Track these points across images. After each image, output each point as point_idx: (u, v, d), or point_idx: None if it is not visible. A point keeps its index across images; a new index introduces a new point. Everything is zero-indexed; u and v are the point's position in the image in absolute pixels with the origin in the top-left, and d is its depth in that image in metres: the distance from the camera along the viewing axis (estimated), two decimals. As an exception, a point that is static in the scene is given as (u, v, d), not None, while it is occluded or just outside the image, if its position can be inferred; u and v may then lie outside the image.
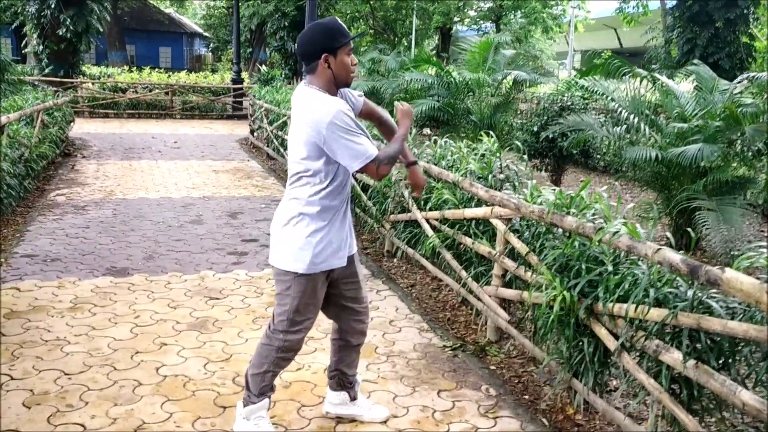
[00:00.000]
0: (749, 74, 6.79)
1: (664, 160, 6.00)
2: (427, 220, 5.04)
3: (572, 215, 3.30)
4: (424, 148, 5.78)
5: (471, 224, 4.45)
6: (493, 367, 3.81)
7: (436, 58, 12.69)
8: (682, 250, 2.78)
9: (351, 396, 3.11)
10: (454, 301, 4.83)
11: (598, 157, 10.96)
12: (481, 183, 4.42)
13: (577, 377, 3.21)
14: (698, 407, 2.68)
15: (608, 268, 2.99)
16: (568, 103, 9.16)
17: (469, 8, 30.92)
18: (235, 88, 20.20)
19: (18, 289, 4.73)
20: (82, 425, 3.00)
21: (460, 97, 9.95)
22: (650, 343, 2.70)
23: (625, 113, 6.54)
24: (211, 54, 43.72)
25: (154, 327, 4.16)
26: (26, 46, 20.34)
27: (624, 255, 3.03)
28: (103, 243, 6.03)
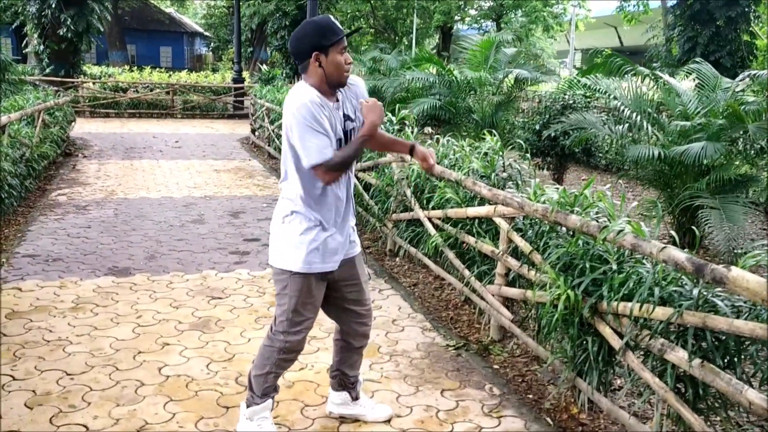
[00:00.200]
0: (751, 72, 6.77)
1: (667, 158, 5.97)
2: (430, 219, 5.03)
3: (576, 214, 3.29)
4: (426, 147, 5.75)
5: (474, 223, 4.44)
6: (496, 367, 3.80)
7: (437, 57, 12.67)
8: (685, 248, 2.77)
9: (353, 396, 3.10)
10: (457, 300, 4.82)
11: (600, 155, 10.94)
12: (483, 182, 4.41)
13: (581, 376, 3.20)
14: (703, 406, 2.67)
15: (612, 266, 2.98)
16: (570, 101, 9.13)
17: (470, 7, 30.92)
18: (236, 88, 20.19)
19: (20, 289, 4.72)
20: (85, 426, 2.99)
21: (462, 95, 9.93)
22: (655, 342, 2.69)
23: (627, 111, 6.50)
24: (212, 53, 43.74)
25: (156, 327, 4.15)
26: (27, 45, 20.35)
27: (628, 253, 3.02)
28: (105, 243, 6.02)
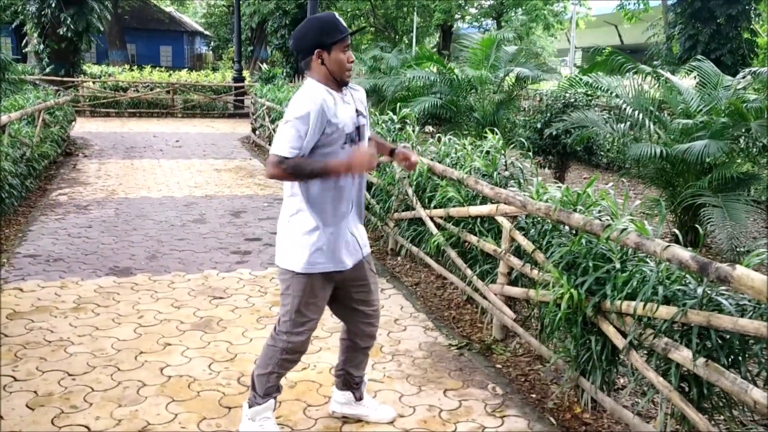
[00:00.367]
0: (752, 69, 6.76)
1: (669, 156, 5.96)
2: (432, 218, 5.01)
3: (579, 212, 3.28)
4: (427, 145, 5.75)
5: (476, 222, 4.42)
6: (499, 366, 3.79)
7: (438, 56, 12.67)
8: (688, 247, 2.76)
9: (356, 396, 3.09)
10: (459, 299, 4.81)
11: (601, 154, 10.93)
12: (485, 180, 4.40)
13: (584, 375, 3.19)
14: (708, 405, 2.66)
15: (616, 265, 2.97)
16: (571, 99, 9.11)
17: (470, 5, 30.91)
18: (236, 87, 20.17)
19: (21, 290, 4.71)
20: (87, 427, 2.98)
21: (463, 94, 9.92)
22: (659, 341, 2.68)
23: (629, 109, 6.49)
24: (212, 52, 43.76)
25: (157, 327, 4.14)
26: (27, 45, 20.35)
27: (632, 252, 3.01)
28: (106, 243, 6.01)
